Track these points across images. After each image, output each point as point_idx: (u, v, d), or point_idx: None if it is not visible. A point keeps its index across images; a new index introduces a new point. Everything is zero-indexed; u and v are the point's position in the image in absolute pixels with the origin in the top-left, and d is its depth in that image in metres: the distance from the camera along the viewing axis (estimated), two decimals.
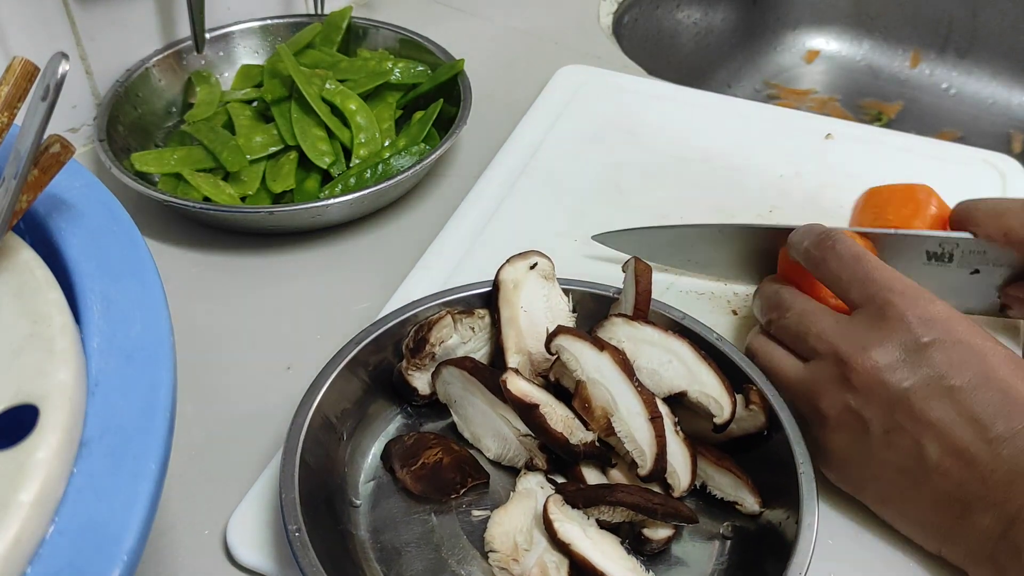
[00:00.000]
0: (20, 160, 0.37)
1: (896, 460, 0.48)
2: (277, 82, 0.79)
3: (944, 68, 1.24)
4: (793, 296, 0.56)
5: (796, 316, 0.54)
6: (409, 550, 0.50)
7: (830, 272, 0.54)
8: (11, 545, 0.29)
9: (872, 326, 0.50)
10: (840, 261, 0.53)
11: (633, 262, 0.56)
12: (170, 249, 0.72)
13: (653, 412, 0.49)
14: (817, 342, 0.52)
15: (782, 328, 0.55)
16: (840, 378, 0.50)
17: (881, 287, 0.51)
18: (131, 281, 0.40)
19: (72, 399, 0.33)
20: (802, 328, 0.53)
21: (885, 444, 0.49)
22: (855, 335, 0.50)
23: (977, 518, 0.46)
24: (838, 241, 0.54)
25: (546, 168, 0.79)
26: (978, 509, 0.46)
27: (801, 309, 0.54)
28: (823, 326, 0.52)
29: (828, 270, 0.54)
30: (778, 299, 0.56)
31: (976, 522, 0.46)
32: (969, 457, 0.46)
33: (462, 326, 0.57)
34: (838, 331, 0.51)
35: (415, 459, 0.52)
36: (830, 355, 0.51)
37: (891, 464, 0.49)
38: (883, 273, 0.52)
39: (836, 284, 0.54)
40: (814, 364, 0.52)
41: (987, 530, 0.46)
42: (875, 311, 0.50)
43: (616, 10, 1.09)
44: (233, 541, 0.51)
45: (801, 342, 0.53)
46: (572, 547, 0.47)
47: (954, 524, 0.47)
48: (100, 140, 0.72)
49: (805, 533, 0.46)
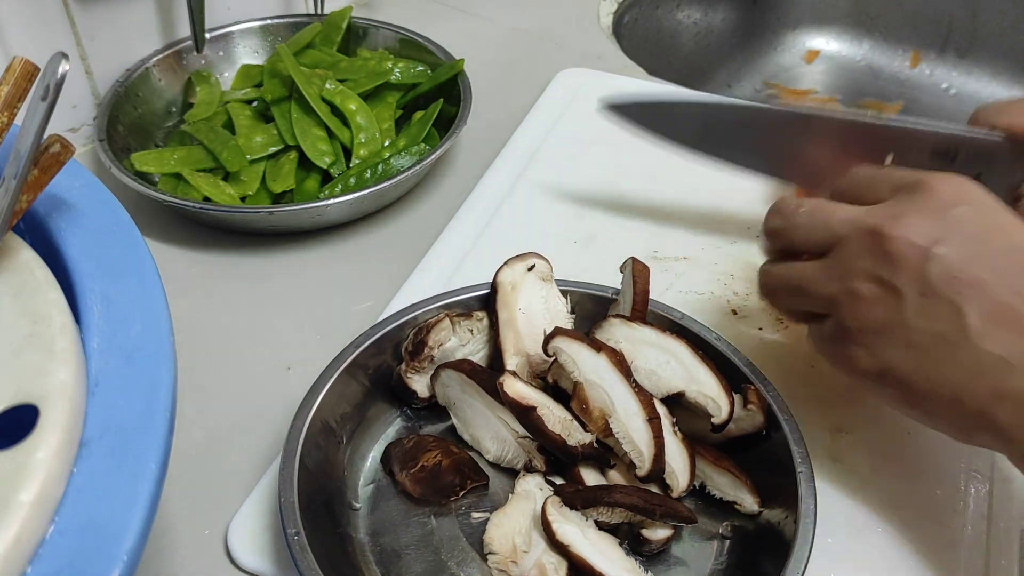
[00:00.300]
0: (20, 160, 0.37)
1: (932, 325, 0.47)
2: (277, 82, 0.79)
3: (944, 68, 1.24)
4: (796, 200, 0.54)
5: (810, 209, 0.52)
6: (408, 553, 0.50)
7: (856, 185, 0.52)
8: (11, 545, 0.29)
9: (903, 199, 0.49)
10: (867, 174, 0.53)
11: (631, 263, 0.56)
12: (170, 249, 0.72)
13: (651, 413, 0.49)
14: (841, 225, 0.50)
15: (793, 228, 0.53)
16: (871, 249, 0.48)
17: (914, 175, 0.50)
18: (131, 281, 0.40)
19: (72, 399, 0.33)
20: (818, 219, 0.51)
21: (920, 309, 0.47)
22: (885, 209, 0.49)
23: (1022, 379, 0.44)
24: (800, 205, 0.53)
25: (545, 170, 0.79)
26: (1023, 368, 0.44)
27: (813, 204, 0.52)
28: (846, 210, 0.50)
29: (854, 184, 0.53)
30: (783, 203, 0.54)
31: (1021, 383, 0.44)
32: (1012, 312, 0.45)
33: (460, 328, 0.57)
34: (864, 211, 0.50)
35: (414, 462, 0.52)
36: (856, 233, 0.49)
37: (925, 330, 0.47)
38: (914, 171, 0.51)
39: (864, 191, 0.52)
40: (837, 251, 0.50)
41: None
42: (911, 188, 0.49)
43: (616, 10, 1.09)
44: (234, 544, 0.51)
45: (818, 232, 0.51)
46: (571, 548, 0.47)
47: (996, 389, 0.45)
48: (100, 140, 0.73)
49: (803, 532, 0.46)
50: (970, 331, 0.46)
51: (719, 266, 0.69)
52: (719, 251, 0.71)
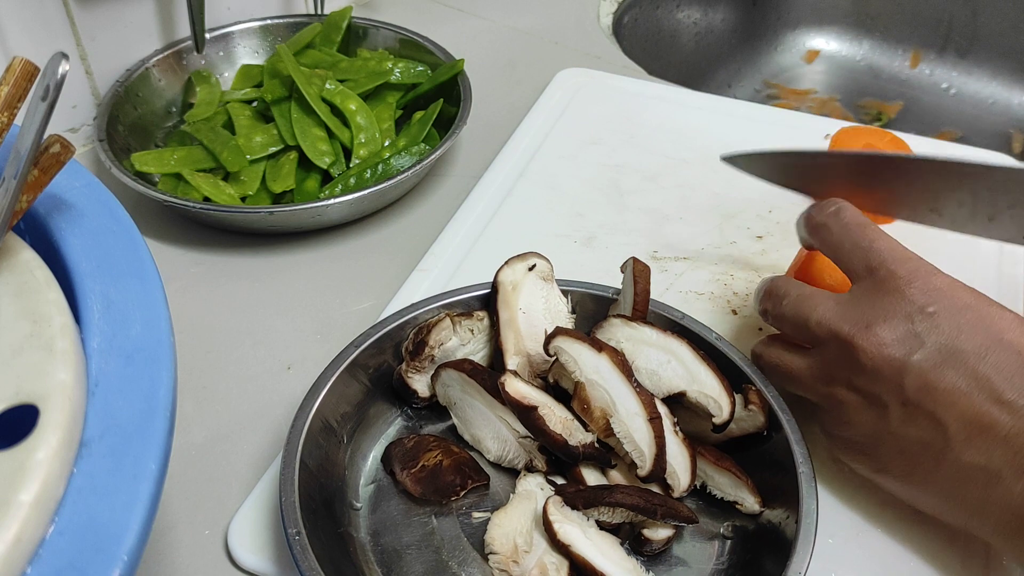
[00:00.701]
0: (20, 160, 0.37)
1: (916, 434, 0.47)
2: (277, 82, 0.79)
3: (944, 68, 1.24)
4: (787, 283, 0.55)
5: (793, 302, 0.53)
6: (409, 552, 0.50)
7: (832, 238, 0.53)
8: (11, 545, 0.29)
9: (874, 302, 0.49)
10: (843, 228, 0.52)
11: (631, 263, 0.56)
12: (170, 249, 0.72)
13: (652, 413, 0.49)
14: (818, 328, 0.51)
15: (780, 317, 0.54)
16: (848, 360, 0.49)
17: (884, 257, 0.50)
18: (131, 281, 0.40)
19: (72, 399, 0.33)
20: (801, 314, 0.52)
21: (904, 418, 0.47)
22: (856, 314, 0.49)
23: (1007, 486, 0.45)
24: (843, 208, 0.53)
25: (545, 170, 0.79)
26: (1008, 477, 0.45)
27: (797, 295, 0.53)
28: (822, 310, 0.51)
29: (830, 236, 0.53)
30: (774, 286, 0.55)
31: (1006, 491, 0.45)
32: (989, 422, 0.45)
33: (461, 328, 0.57)
34: (838, 313, 0.50)
35: (415, 461, 0.52)
36: (833, 339, 0.50)
37: (912, 439, 0.47)
38: (886, 243, 0.51)
39: (838, 251, 0.52)
40: (818, 352, 0.51)
41: (1019, 497, 0.44)
42: (876, 283, 0.49)
43: (616, 10, 1.09)
44: (234, 544, 0.51)
45: (801, 330, 0.52)
46: (572, 548, 0.47)
47: (981, 494, 0.46)
48: (100, 140, 0.72)
49: (805, 533, 0.46)
50: (952, 441, 0.46)
51: (719, 266, 0.69)
52: (719, 251, 0.70)
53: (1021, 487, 0.44)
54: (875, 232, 0.51)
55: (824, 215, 0.54)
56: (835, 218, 0.53)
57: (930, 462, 0.47)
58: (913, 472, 0.48)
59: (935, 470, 0.47)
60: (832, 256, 0.53)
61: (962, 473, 0.46)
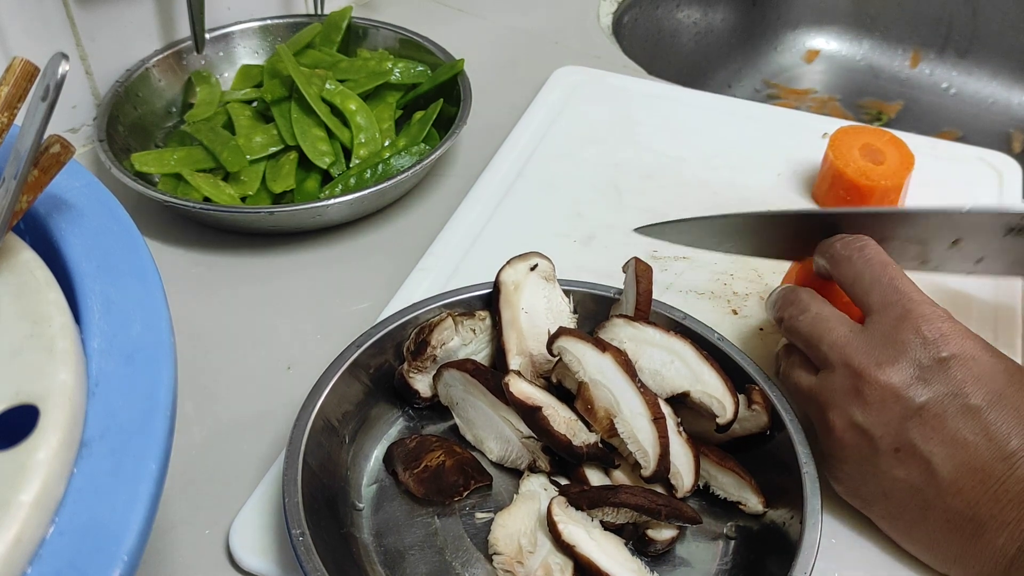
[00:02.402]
0: (20, 160, 0.37)
1: (906, 478, 0.48)
2: (277, 82, 0.79)
3: (944, 68, 1.24)
4: (811, 298, 0.54)
5: (810, 319, 0.53)
6: (413, 553, 0.50)
7: (853, 270, 0.53)
8: (11, 545, 0.29)
9: (887, 340, 0.49)
10: (866, 262, 0.52)
11: (634, 263, 0.56)
12: (170, 249, 0.72)
13: (656, 413, 0.49)
14: (830, 351, 0.51)
15: (794, 329, 0.54)
16: (852, 391, 0.49)
17: (902, 296, 0.50)
18: (131, 281, 0.40)
19: (72, 399, 0.33)
20: (815, 333, 0.52)
21: (894, 462, 0.48)
22: (870, 349, 0.49)
23: (990, 538, 0.46)
24: (868, 245, 0.54)
25: (544, 169, 0.79)
26: (991, 529, 0.45)
27: (817, 313, 0.53)
28: (837, 335, 0.51)
29: (852, 268, 0.53)
30: (795, 297, 0.55)
31: (989, 542, 0.46)
32: (983, 475, 0.46)
33: (463, 328, 0.56)
34: (852, 342, 0.50)
35: (417, 462, 0.52)
36: (843, 366, 0.50)
37: (900, 482, 0.48)
38: (906, 283, 0.51)
39: (857, 283, 0.52)
40: (826, 374, 0.51)
41: (1000, 550, 0.45)
42: (891, 321, 0.49)
43: (616, 10, 1.09)
44: (236, 545, 0.51)
45: (813, 349, 0.52)
46: (576, 549, 0.47)
47: (966, 545, 0.47)
48: (100, 140, 0.72)
49: (809, 533, 0.46)
50: (942, 489, 0.47)
51: (718, 266, 0.69)
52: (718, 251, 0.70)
53: (1004, 538, 0.45)
54: (896, 271, 0.52)
55: (850, 249, 0.54)
56: (860, 253, 0.53)
57: (917, 508, 0.48)
58: (901, 513, 0.49)
59: (921, 517, 0.48)
60: (849, 287, 0.53)
61: (948, 522, 0.47)
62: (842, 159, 0.72)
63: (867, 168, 0.71)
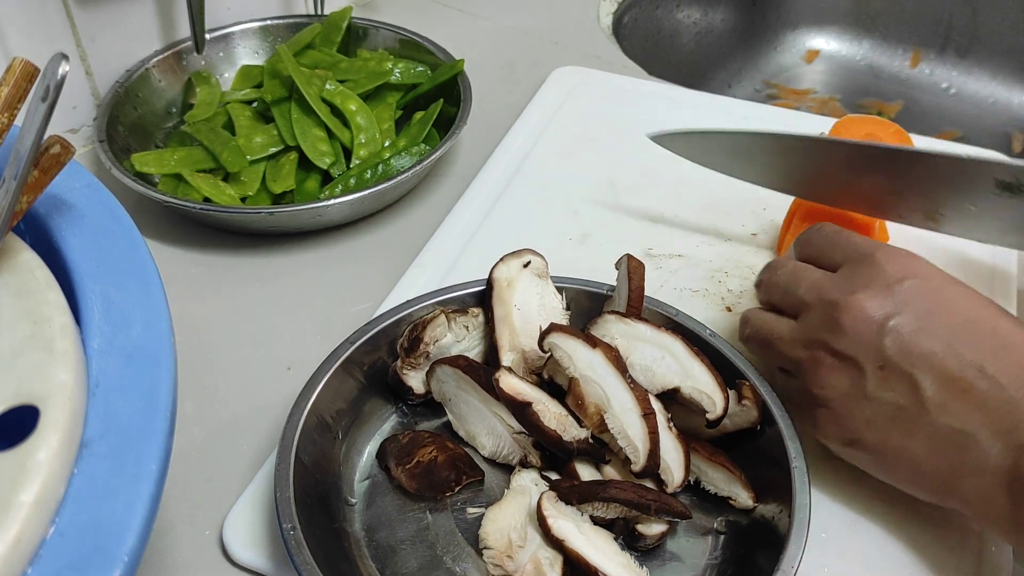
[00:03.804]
0: (20, 161, 0.37)
1: (891, 399, 0.48)
2: (277, 82, 0.79)
3: (944, 68, 1.24)
4: (787, 259, 0.57)
5: (787, 272, 0.55)
6: (404, 548, 0.50)
7: (814, 246, 0.56)
8: (12, 546, 0.29)
9: (857, 272, 0.51)
10: (824, 236, 0.56)
11: (626, 260, 0.57)
12: (170, 249, 0.72)
13: (646, 408, 0.50)
14: (807, 292, 0.53)
15: (773, 285, 0.56)
16: (831, 322, 0.50)
17: (863, 244, 0.53)
18: (131, 282, 0.40)
19: (73, 400, 0.33)
20: (793, 281, 0.54)
21: (880, 382, 0.49)
22: (843, 283, 0.51)
23: (984, 449, 0.46)
24: (824, 224, 0.57)
25: (540, 168, 0.79)
26: (983, 439, 0.46)
27: (793, 266, 0.56)
28: (813, 279, 0.53)
29: (813, 244, 0.56)
30: (773, 262, 0.58)
31: (982, 454, 0.46)
32: (965, 386, 0.46)
33: (456, 325, 0.57)
34: (826, 280, 0.53)
35: (410, 457, 0.52)
36: (819, 303, 0.52)
37: (887, 404, 0.49)
38: (866, 240, 0.54)
39: (821, 254, 0.55)
40: (804, 316, 0.53)
41: (996, 462, 0.45)
42: (860, 260, 0.52)
43: (616, 10, 1.10)
44: (229, 540, 0.51)
45: (791, 295, 0.54)
46: (566, 543, 0.47)
47: (957, 461, 0.47)
48: (100, 141, 0.73)
49: (798, 527, 0.47)
50: (927, 404, 0.47)
51: (713, 263, 0.70)
52: (713, 248, 0.71)
53: (998, 449, 0.45)
54: (854, 235, 0.55)
55: (809, 232, 0.57)
56: (817, 231, 0.57)
57: (905, 428, 0.48)
58: (887, 440, 0.49)
59: (909, 436, 0.48)
60: (816, 259, 0.56)
61: (937, 438, 0.47)
62: None
63: None
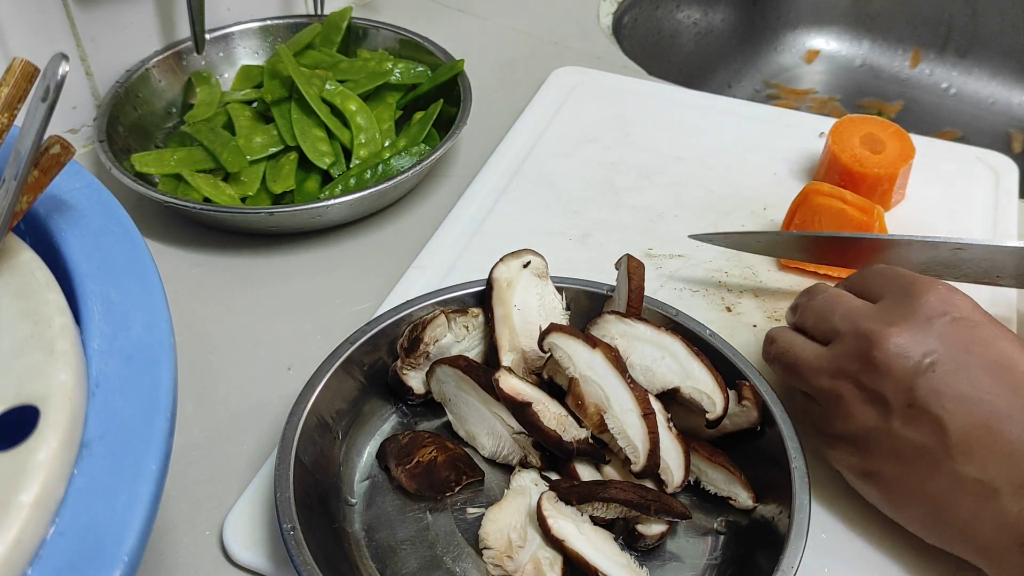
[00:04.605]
0: (20, 161, 0.37)
1: (916, 438, 0.47)
2: (277, 83, 0.79)
3: (944, 68, 1.24)
4: (825, 286, 0.56)
5: (823, 299, 0.54)
6: (404, 548, 0.50)
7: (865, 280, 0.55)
8: (12, 546, 0.29)
9: (898, 304, 0.50)
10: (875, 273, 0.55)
11: (626, 260, 0.57)
12: (170, 250, 0.72)
13: (646, 408, 0.50)
14: (842, 321, 0.52)
15: (808, 309, 0.55)
16: (862, 355, 0.49)
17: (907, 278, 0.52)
18: (131, 282, 0.40)
19: (73, 400, 0.33)
20: (828, 307, 0.53)
21: (906, 420, 0.47)
22: (880, 314, 0.50)
23: (1004, 503, 0.44)
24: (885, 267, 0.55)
25: (540, 168, 0.79)
26: (1006, 493, 0.44)
27: (834, 293, 0.54)
28: (850, 306, 0.52)
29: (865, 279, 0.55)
30: (814, 287, 0.57)
31: (1000, 507, 0.44)
32: (994, 435, 0.45)
33: (456, 325, 0.57)
34: (864, 311, 0.51)
35: (410, 457, 0.52)
36: (853, 333, 0.50)
37: (910, 442, 0.47)
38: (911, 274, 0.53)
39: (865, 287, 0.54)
40: (836, 344, 0.52)
41: (1016, 518, 0.44)
42: (900, 293, 0.51)
43: (616, 10, 1.10)
44: (229, 540, 0.51)
45: (825, 322, 0.53)
46: (566, 543, 0.47)
47: (974, 509, 0.46)
48: (100, 141, 0.73)
49: (797, 528, 0.47)
50: (952, 449, 0.46)
51: (713, 263, 0.70)
52: (713, 249, 0.71)
53: (1021, 506, 0.44)
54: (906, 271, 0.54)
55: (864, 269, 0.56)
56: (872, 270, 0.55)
57: (925, 470, 0.47)
58: (906, 478, 0.48)
59: (929, 479, 0.47)
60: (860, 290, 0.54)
61: (956, 485, 0.46)
62: (839, 145, 0.74)
63: (863, 156, 0.72)
